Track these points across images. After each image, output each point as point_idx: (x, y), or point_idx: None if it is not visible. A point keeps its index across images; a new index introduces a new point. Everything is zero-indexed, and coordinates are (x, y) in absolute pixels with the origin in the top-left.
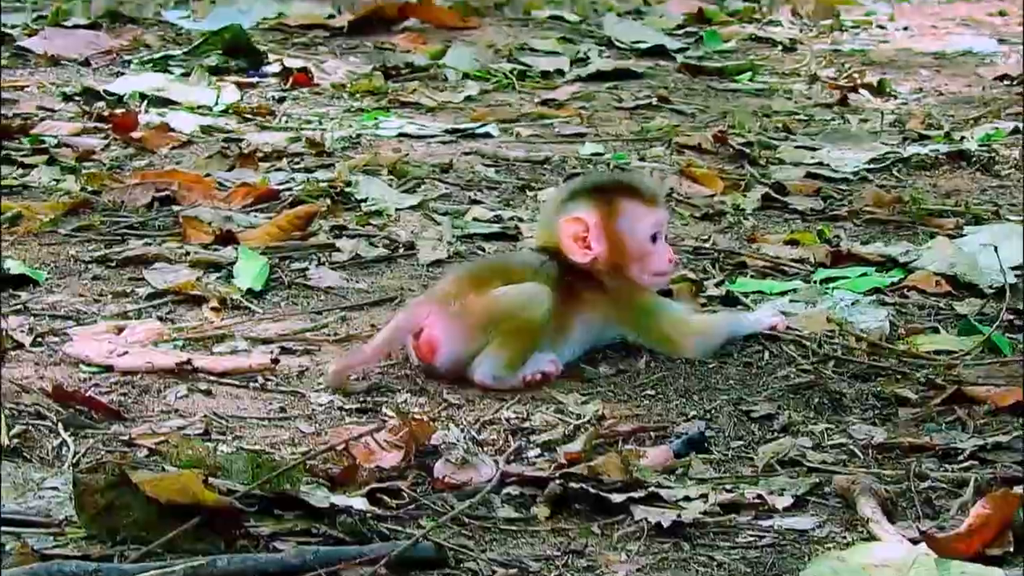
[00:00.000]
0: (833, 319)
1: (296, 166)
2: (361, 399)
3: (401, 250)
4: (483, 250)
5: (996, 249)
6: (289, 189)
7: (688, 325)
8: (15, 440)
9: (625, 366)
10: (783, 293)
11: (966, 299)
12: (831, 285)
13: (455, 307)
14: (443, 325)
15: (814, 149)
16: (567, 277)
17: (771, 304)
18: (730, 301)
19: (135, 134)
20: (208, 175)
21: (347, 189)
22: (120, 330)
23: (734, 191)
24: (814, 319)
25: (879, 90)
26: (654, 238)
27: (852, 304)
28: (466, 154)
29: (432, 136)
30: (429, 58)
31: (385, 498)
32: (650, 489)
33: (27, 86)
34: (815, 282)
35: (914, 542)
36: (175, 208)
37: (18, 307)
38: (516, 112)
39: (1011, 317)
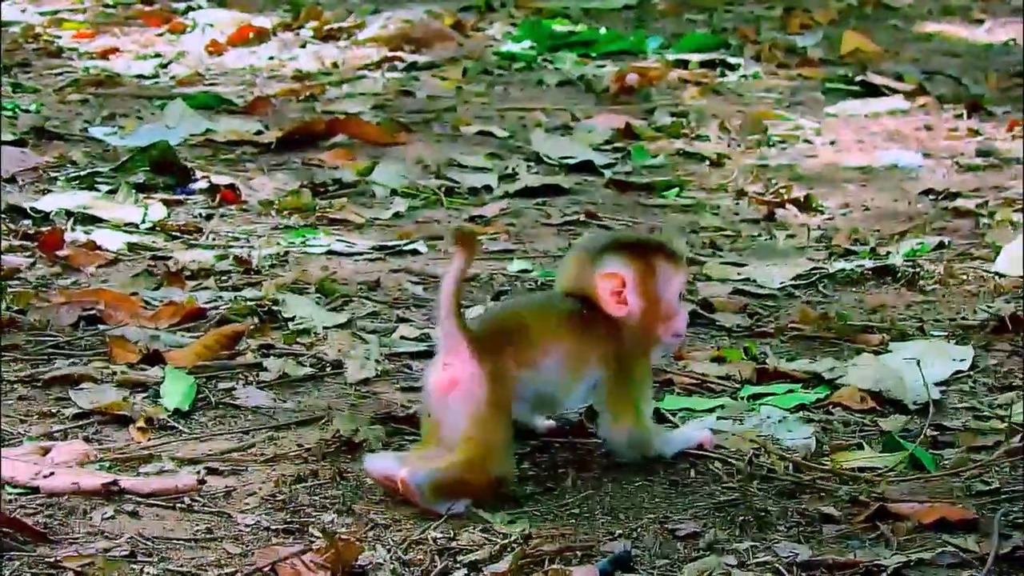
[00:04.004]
0: (757, 440)
1: (223, 284)
2: (288, 519)
3: (328, 369)
4: (410, 368)
5: (920, 365)
6: (216, 308)
7: (644, 415)
8: None
9: (552, 484)
10: (711, 410)
11: (891, 415)
12: (758, 401)
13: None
14: (468, 373)
15: (741, 265)
16: (592, 320)
17: (699, 421)
18: (658, 419)
19: (61, 252)
20: (135, 294)
21: (274, 308)
22: (46, 451)
23: None
24: (741, 436)
25: (806, 205)
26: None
27: (779, 421)
28: (394, 271)
29: (360, 253)
30: (357, 174)
31: None
32: None
33: None
34: (742, 398)
35: None
36: (101, 327)
37: None
38: (444, 229)
39: (935, 433)
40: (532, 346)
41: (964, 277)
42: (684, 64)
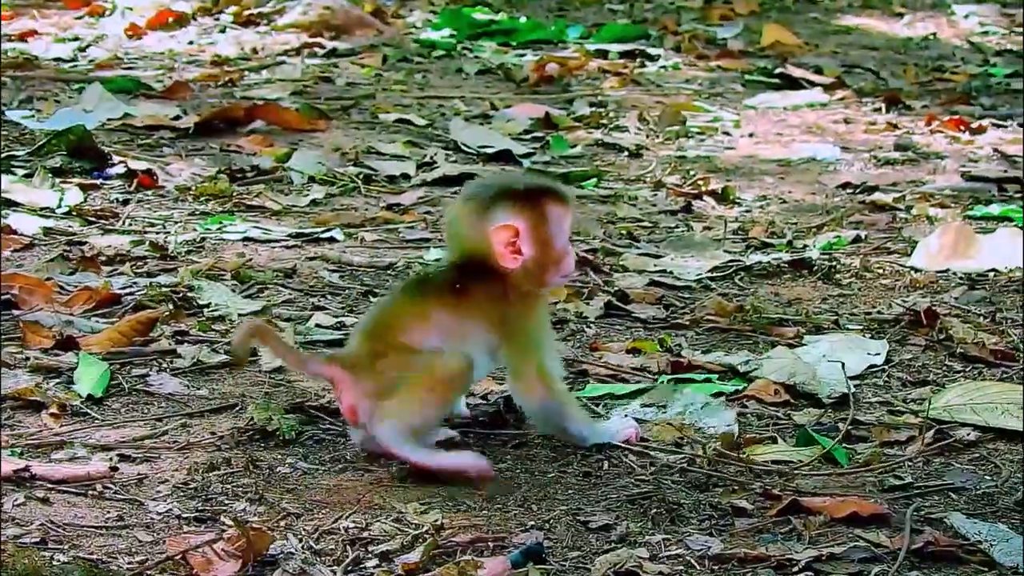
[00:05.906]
0: (676, 427)
1: (139, 270)
2: (200, 507)
3: None
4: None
5: (835, 359)
6: (131, 294)
7: (552, 377)
8: None
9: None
10: (634, 394)
11: (805, 409)
12: (674, 393)
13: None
14: (355, 391)
15: (658, 257)
16: (471, 288)
17: (624, 415)
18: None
19: None
20: (49, 279)
21: (190, 294)
22: None
23: (576, 299)
24: (664, 428)
25: (723, 197)
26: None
27: (702, 407)
28: (310, 259)
29: (276, 240)
30: (275, 161)
31: None
32: None
33: None
34: (663, 383)
35: None
36: (15, 312)
37: None
38: (361, 216)
39: (848, 427)
40: (409, 336)
41: (880, 271)
42: (604, 54)
